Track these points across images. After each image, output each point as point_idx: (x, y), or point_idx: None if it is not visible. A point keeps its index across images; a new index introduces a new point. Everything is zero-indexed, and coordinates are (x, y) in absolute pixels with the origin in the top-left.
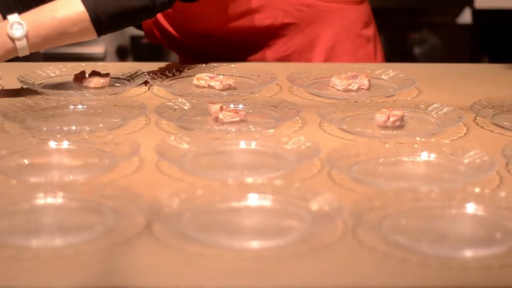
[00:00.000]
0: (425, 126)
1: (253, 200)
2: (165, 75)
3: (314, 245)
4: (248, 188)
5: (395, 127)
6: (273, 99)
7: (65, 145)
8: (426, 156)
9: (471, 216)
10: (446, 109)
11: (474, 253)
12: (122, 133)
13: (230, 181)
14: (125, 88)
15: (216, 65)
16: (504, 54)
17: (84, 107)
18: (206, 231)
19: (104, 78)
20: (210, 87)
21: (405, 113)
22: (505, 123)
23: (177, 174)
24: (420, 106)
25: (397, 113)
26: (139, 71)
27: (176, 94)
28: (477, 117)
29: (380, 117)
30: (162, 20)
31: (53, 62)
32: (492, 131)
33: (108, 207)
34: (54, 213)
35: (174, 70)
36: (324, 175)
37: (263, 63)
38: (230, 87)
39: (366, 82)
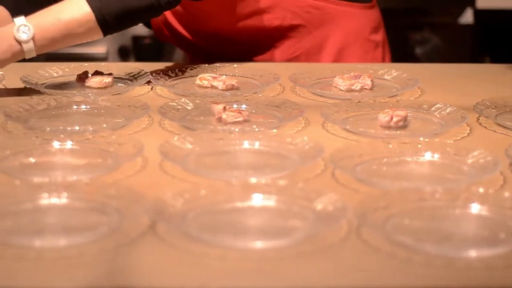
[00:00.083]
0: (428, 126)
1: (257, 200)
2: (168, 75)
3: (318, 245)
4: (252, 188)
5: (398, 127)
6: (276, 99)
7: (68, 145)
8: (429, 156)
9: (475, 216)
10: (449, 109)
11: (478, 253)
12: (126, 133)
13: (234, 181)
14: (128, 88)
15: (219, 65)
16: (506, 54)
17: (87, 107)
18: (210, 231)
19: (107, 78)
20: (213, 87)
21: (408, 113)
22: (508, 123)
23: (180, 174)
24: (423, 106)
25: (401, 113)
26: (142, 71)
27: (179, 94)
28: (480, 117)
29: (383, 117)
30: (172, 19)
31: (56, 62)
32: (495, 131)
33: (112, 207)
34: (58, 213)
35: (177, 70)
36: (328, 175)
37: (266, 63)
38: (233, 87)
39: (369, 82)
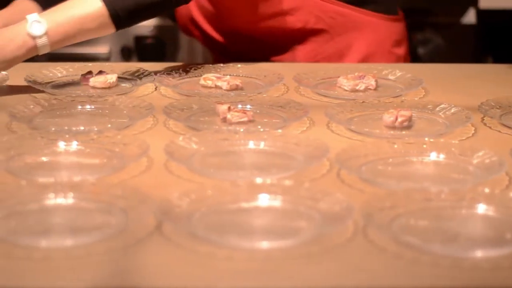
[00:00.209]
0: (433, 127)
1: (263, 200)
2: (171, 75)
3: (325, 245)
4: (257, 188)
5: (403, 128)
6: (280, 99)
7: (73, 145)
8: (435, 156)
9: (481, 217)
10: (454, 109)
11: (484, 253)
12: (130, 133)
13: (240, 181)
14: (132, 88)
15: (223, 65)
16: (508, 54)
17: (92, 107)
18: (216, 231)
19: (111, 78)
20: (217, 87)
21: (412, 114)
22: None
23: (186, 174)
24: (428, 106)
25: (405, 113)
26: (146, 71)
27: (183, 94)
28: (485, 117)
29: (388, 118)
30: (197, 16)
31: (58, 62)
32: (500, 131)
33: (118, 207)
34: (64, 214)
35: (180, 71)
36: (333, 175)
37: (269, 63)
38: (237, 88)
39: (373, 82)
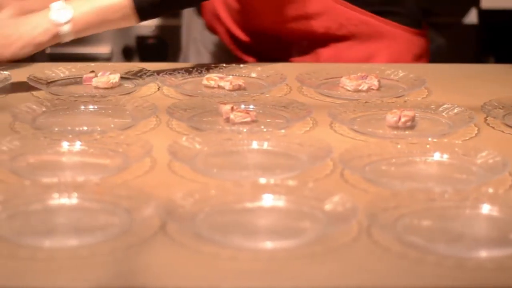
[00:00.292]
0: (436, 127)
1: (267, 200)
2: (174, 75)
3: (329, 245)
4: (261, 188)
5: (406, 128)
6: (283, 99)
7: (77, 145)
8: (438, 156)
9: (485, 217)
10: (457, 109)
11: (489, 253)
12: (133, 133)
13: (244, 181)
14: (135, 88)
15: (225, 65)
16: (510, 54)
17: (95, 107)
18: (220, 231)
19: (114, 78)
20: (219, 87)
21: (416, 114)
22: None
23: (189, 174)
24: (431, 106)
25: (409, 113)
26: (149, 71)
27: (186, 94)
28: (488, 117)
29: (391, 118)
30: (222, 13)
31: (61, 62)
32: (503, 131)
33: (122, 207)
34: (68, 214)
35: (183, 71)
36: (337, 175)
37: (271, 64)
38: (240, 88)
39: (376, 82)
